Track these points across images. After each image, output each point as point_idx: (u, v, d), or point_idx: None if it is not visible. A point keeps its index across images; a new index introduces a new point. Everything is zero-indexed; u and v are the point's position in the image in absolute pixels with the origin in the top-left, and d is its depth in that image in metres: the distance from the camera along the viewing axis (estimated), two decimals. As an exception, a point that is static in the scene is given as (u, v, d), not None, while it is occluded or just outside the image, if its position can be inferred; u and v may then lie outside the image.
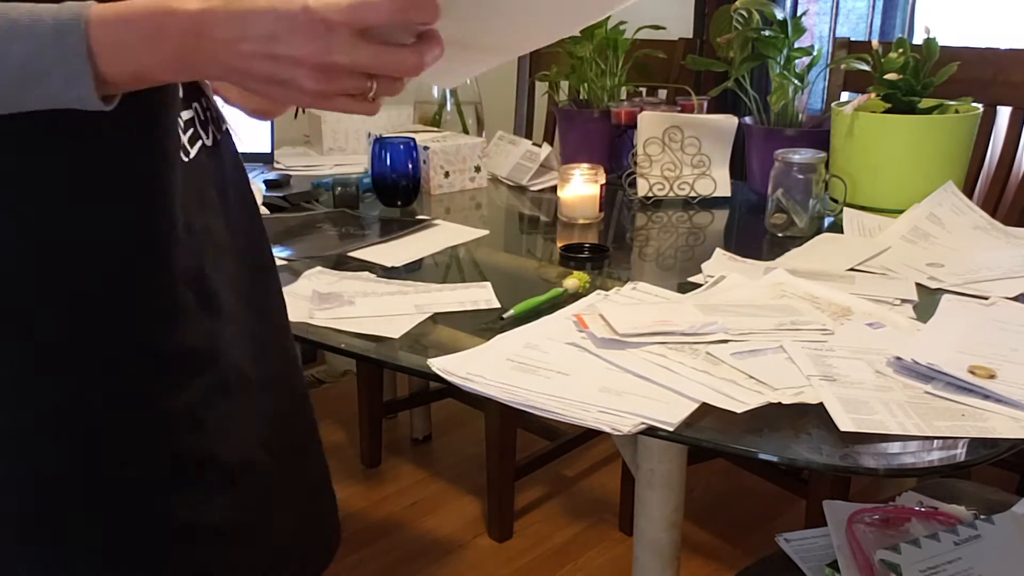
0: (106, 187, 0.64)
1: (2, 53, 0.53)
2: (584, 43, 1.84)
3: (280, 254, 1.31)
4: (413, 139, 1.63)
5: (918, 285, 1.15)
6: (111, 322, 0.68)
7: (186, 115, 0.70)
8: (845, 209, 1.46)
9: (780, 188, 1.43)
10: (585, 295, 1.12)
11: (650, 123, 1.67)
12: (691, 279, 1.20)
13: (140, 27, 0.55)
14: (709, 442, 0.80)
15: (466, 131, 2.00)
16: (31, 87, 0.55)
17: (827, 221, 1.50)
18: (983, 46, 1.64)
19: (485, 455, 1.89)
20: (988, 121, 1.65)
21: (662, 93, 2.11)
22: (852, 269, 1.23)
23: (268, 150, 1.99)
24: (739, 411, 0.82)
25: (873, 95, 1.47)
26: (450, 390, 1.05)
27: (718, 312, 1.02)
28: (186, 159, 0.69)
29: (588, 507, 2.03)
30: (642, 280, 1.17)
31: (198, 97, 0.73)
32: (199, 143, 0.72)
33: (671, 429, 0.80)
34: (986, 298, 1.10)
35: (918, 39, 1.46)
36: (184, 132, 0.69)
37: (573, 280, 1.14)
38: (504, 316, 1.05)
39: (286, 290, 0.91)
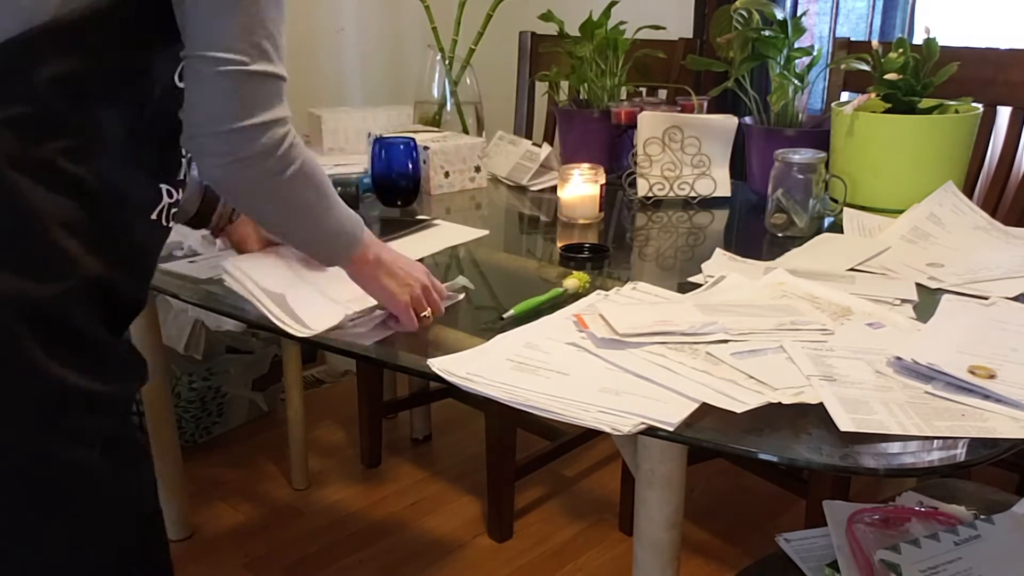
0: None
1: (334, 236, 0.99)
2: (584, 43, 1.84)
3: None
4: (413, 139, 1.63)
5: (918, 285, 1.15)
6: None
7: (180, 195, 0.96)
8: (845, 209, 1.46)
9: (780, 188, 1.43)
10: (585, 295, 1.12)
11: (650, 123, 1.67)
12: (691, 279, 1.20)
13: (366, 250, 1.02)
14: (709, 442, 0.80)
15: (466, 131, 2.00)
16: (324, 252, 1.02)
17: (827, 221, 1.50)
18: (983, 46, 1.64)
19: (485, 455, 1.89)
20: (988, 121, 1.65)
21: (662, 93, 2.11)
22: (852, 269, 1.23)
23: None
24: (739, 411, 0.82)
25: (873, 95, 1.47)
26: (450, 390, 1.05)
27: (718, 312, 1.02)
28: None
29: (588, 507, 2.03)
30: (642, 280, 1.17)
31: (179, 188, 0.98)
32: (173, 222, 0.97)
33: (671, 429, 0.80)
34: (986, 298, 1.10)
35: (918, 39, 1.46)
36: (173, 207, 0.94)
37: (573, 280, 1.14)
38: (504, 316, 1.05)
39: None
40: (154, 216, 0.89)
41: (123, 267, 0.85)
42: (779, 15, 1.56)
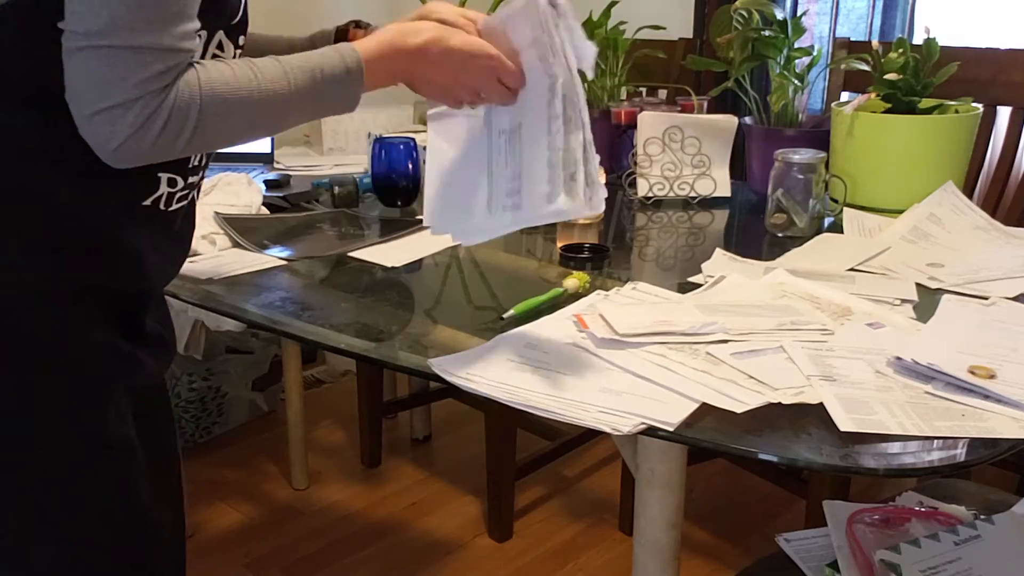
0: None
1: (317, 93, 0.85)
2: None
3: (280, 254, 1.31)
4: (413, 139, 1.63)
5: (918, 285, 1.15)
6: None
7: (195, 179, 0.93)
8: (845, 209, 1.46)
9: (780, 188, 1.43)
10: (585, 295, 1.12)
11: (650, 123, 1.67)
12: (691, 279, 1.20)
13: (386, 61, 0.89)
14: (709, 442, 0.80)
15: (466, 131, 1.99)
16: (326, 109, 0.89)
17: (827, 221, 1.50)
18: (983, 46, 1.64)
19: (485, 455, 1.89)
20: (988, 121, 1.65)
21: (662, 93, 2.11)
22: (852, 269, 1.23)
23: (268, 150, 1.99)
24: (739, 411, 0.82)
25: (873, 95, 1.47)
26: (450, 390, 1.05)
27: (718, 312, 1.02)
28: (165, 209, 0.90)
29: (588, 507, 2.03)
30: (642, 280, 1.17)
31: (206, 168, 0.95)
32: (186, 202, 0.93)
33: (671, 429, 0.80)
34: (986, 298, 1.10)
35: (918, 39, 1.46)
36: (181, 190, 0.90)
37: (573, 280, 1.14)
38: (504, 316, 1.05)
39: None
40: (147, 203, 0.87)
41: (111, 260, 0.84)
42: (779, 15, 1.56)
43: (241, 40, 0.89)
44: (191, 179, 0.91)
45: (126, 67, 0.73)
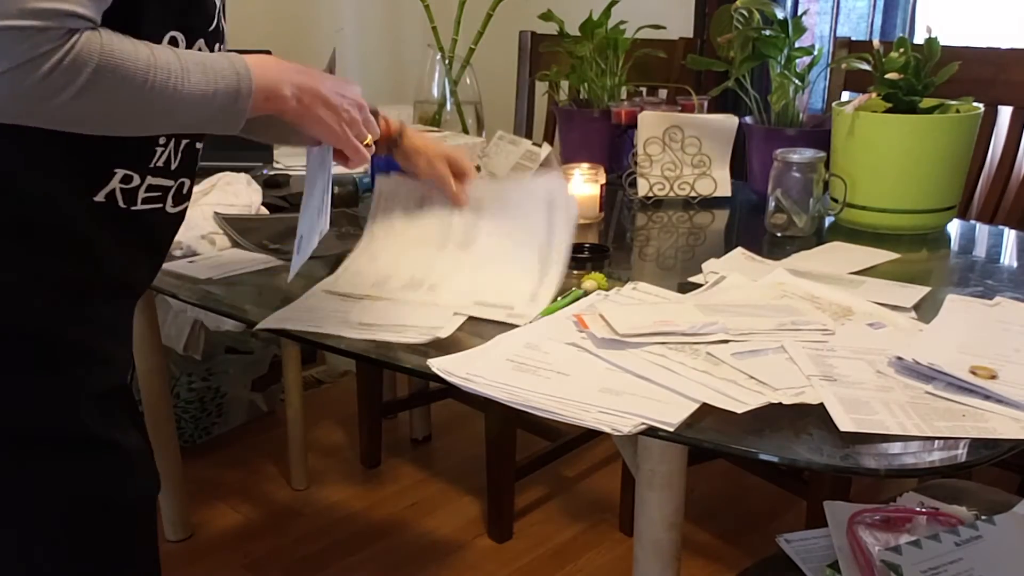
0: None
1: (208, 96, 0.81)
2: (584, 43, 1.83)
3: (280, 254, 1.31)
4: (413, 139, 1.62)
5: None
6: None
7: (166, 183, 0.90)
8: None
9: (779, 188, 1.43)
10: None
11: (650, 123, 1.67)
12: (691, 279, 1.20)
13: (272, 80, 0.88)
14: (710, 443, 0.80)
15: (466, 131, 2.00)
16: (208, 119, 0.84)
17: (828, 221, 1.50)
18: (984, 46, 1.64)
19: (485, 456, 1.89)
20: (989, 121, 1.65)
21: (662, 93, 2.11)
22: (860, 272, 1.23)
23: (268, 150, 1.98)
24: (739, 411, 0.82)
25: (874, 95, 1.47)
26: (450, 390, 1.05)
27: (718, 312, 1.02)
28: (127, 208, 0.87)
29: (588, 508, 2.03)
30: (642, 280, 1.17)
31: (187, 175, 0.93)
32: (158, 205, 0.90)
33: (671, 429, 0.80)
34: (990, 298, 1.10)
35: (919, 39, 1.46)
36: (146, 192, 0.88)
37: (591, 281, 1.14)
38: (532, 320, 1.04)
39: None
40: (99, 198, 0.83)
41: (58, 252, 0.82)
42: (780, 15, 1.56)
43: (218, 48, 0.89)
44: (154, 179, 0.88)
45: None
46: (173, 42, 0.82)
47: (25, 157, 0.78)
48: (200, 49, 0.85)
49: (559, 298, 1.10)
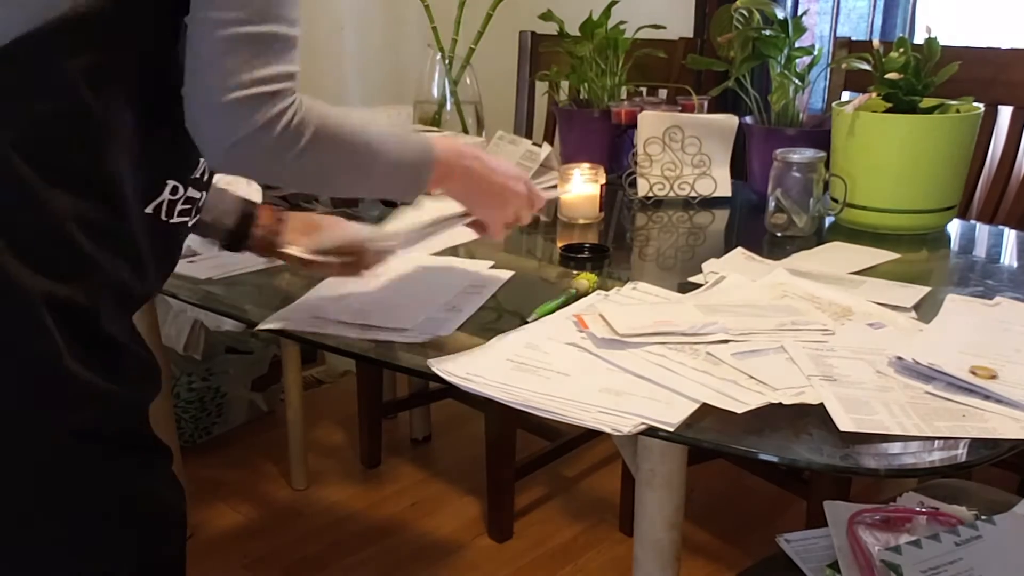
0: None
1: (396, 169, 0.92)
2: (584, 43, 1.83)
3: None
4: (413, 139, 1.62)
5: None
6: None
7: (198, 195, 0.92)
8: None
9: (779, 188, 1.43)
10: (587, 295, 1.12)
11: (650, 123, 1.67)
12: (691, 279, 1.20)
13: (446, 167, 0.97)
14: (709, 443, 0.80)
15: (466, 131, 2.00)
16: (396, 190, 0.97)
17: (828, 220, 1.50)
18: (984, 46, 1.64)
19: (485, 455, 1.89)
20: (989, 121, 1.65)
21: (662, 93, 2.11)
22: (860, 272, 1.23)
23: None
24: (739, 411, 0.82)
25: (874, 95, 1.47)
26: (450, 390, 1.05)
27: (718, 312, 1.02)
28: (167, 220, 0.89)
29: (588, 508, 2.03)
30: (642, 280, 1.17)
31: (208, 189, 0.95)
32: (187, 218, 0.92)
33: (671, 429, 0.80)
34: (990, 298, 1.10)
35: (919, 39, 1.46)
36: (182, 204, 0.90)
37: (583, 281, 1.14)
38: (528, 320, 1.04)
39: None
40: (149, 210, 0.85)
41: (122, 260, 0.83)
42: (780, 14, 1.56)
43: None
44: (192, 192, 0.90)
45: (273, 54, 0.76)
46: None
47: (102, 163, 0.79)
48: None
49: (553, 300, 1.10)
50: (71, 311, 0.78)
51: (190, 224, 0.94)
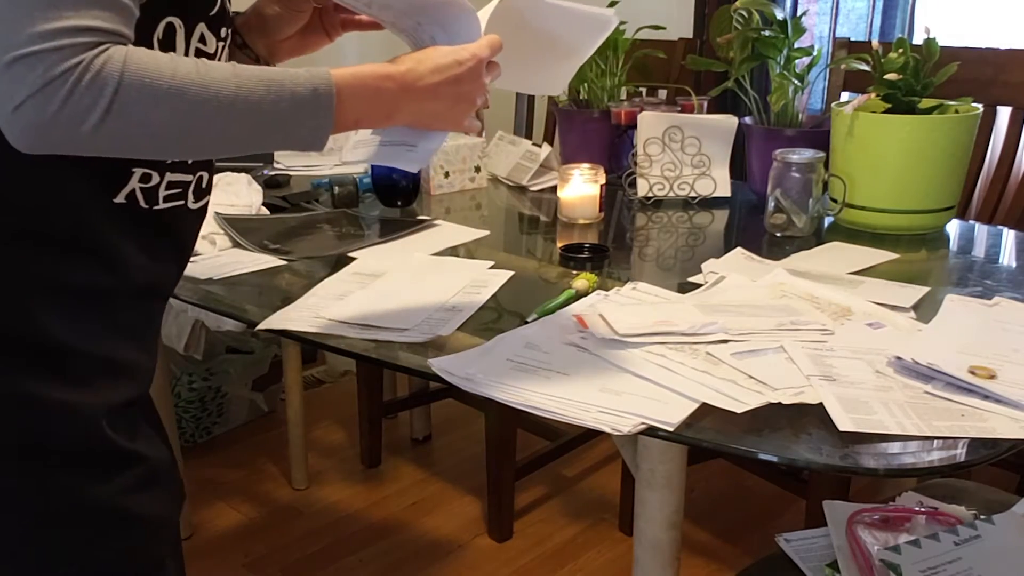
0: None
1: (270, 108, 0.73)
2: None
3: (280, 254, 1.31)
4: (413, 139, 1.62)
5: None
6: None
7: (185, 178, 0.85)
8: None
9: (779, 188, 1.43)
10: (586, 295, 1.12)
11: (650, 123, 1.67)
12: (691, 279, 1.20)
13: (367, 91, 0.80)
14: (709, 442, 0.80)
15: (466, 131, 2.00)
16: (280, 135, 0.76)
17: (827, 221, 1.50)
18: (983, 46, 1.64)
19: (485, 455, 1.89)
20: (988, 121, 1.65)
21: (662, 93, 2.11)
22: (859, 272, 1.23)
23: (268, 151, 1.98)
24: (739, 411, 0.82)
25: (873, 95, 1.47)
26: (450, 390, 1.05)
27: (718, 312, 1.02)
28: (150, 207, 0.82)
29: (588, 507, 2.03)
30: (642, 280, 1.17)
31: (206, 168, 0.88)
32: (180, 202, 0.85)
33: (671, 429, 0.80)
34: (989, 298, 1.10)
35: (918, 39, 1.46)
36: (166, 189, 0.83)
37: (582, 281, 1.14)
38: (528, 320, 1.04)
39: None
40: (120, 199, 0.79)
41: (79, 258, 0.78)
42: (779, 15, 1.56)
43: (223, 32, 0.84)
44: (173, 175, 0.84)
45: (58, 7, 0.64)
46: (170, 29, 0.77)
47: (39, 161, 0.73)
48: (202, 35, 0.80)
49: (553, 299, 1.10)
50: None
51: (193, 206, 0.88)
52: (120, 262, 0.82)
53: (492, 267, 1.26)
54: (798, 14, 2.19)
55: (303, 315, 1.07)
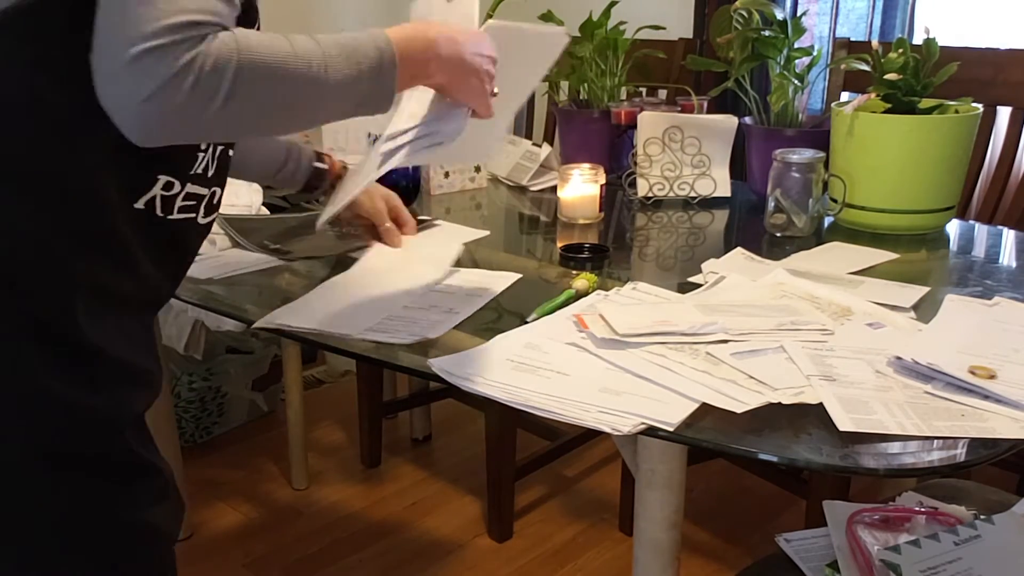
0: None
1: (353, 78, 0.77)
2: (584, 43, 1.83)
3: (280, 254, 1.31)
4: (413, 139, 1.62)
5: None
6: None
7: (202, 191, 0.88)
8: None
9: (779, 188, 1.43)
10: (586, 295, 1.12)
11: (650, 123, 1.67)
12: (691, 279, 1.20)
13: (419, 55, 0.84)
14: (709, 442, 0.80)
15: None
16: (354, 102, 0.80)
17: (827, 221, 1.50)
18: (983, 46, 1.64)
19: (485, 455, 1.89)
20: (988, 121, 1.65)
21: (662, 93, 2.11)
22: (859, 272, 1.23)
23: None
24: (739, 411, 0.82)
25: (873, 95, 1.47)
26: (450, 390, 1.05)
27: (718, 312, 1.02)
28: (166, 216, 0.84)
29: (588, 507, 2.03)
30: (642, 280, 1.17)
31: (219, 184, 0.91)
32: (192, 215, 0.87)
33: (671, 429, 0.80)
34: (989, 298, 1.10)
35: (918, 39, 1.46)
36: (183, 200, 0.85)
37: (582, 281, 1.14)
38: (528, 320, 1.04)
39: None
40: (139, 205, 0.81)
41: (100, 257, 0.79)
42: (779, 15, 1.56)
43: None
44: (192, 187, 0.86)
45: (164, 4, 0.67)
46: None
47: (76, 159, 0.75)
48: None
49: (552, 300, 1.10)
50: (38, 316, 0.75)
51: (202, 221, 0.89)
52: (133, 268, 0.83)
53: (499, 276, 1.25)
54: (798, 14, 2.19)
55: (299, 315, 1.07)
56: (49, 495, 0.80)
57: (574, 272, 1.23)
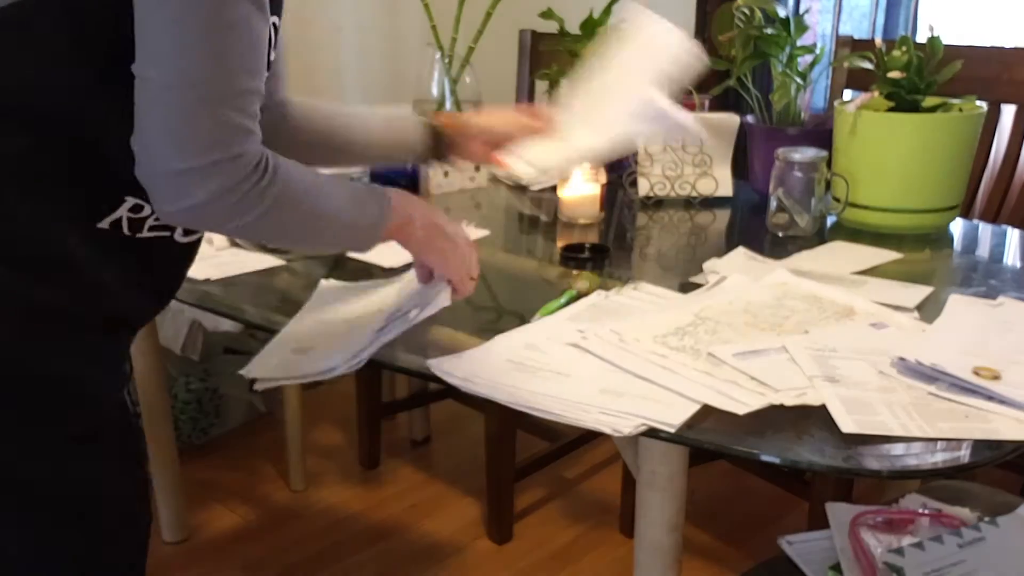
0: None
1: (352, 222, 0.87)
2: (585, 41, 1.83)
3: (279, 254, 1.30)
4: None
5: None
6: None
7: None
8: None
9: (781, 187, 1.42)
10: (587, 295, 1.12)
11: (651, 122, 1.66)
12: (692, 279, 1.19)
13: (401, 221, 0.91)
14: (711, 444, 0.79)
15: (466, 130, 1.99)
16: (351, 241, 0.92)
17: (829, 220, 1.49)
18: (987, 44, 1.63)
19: (485, 457, 1.88)
20: (992, 119, 1.64)
21: (663, 92, 2.10)
22: (862, 272, 1.23)
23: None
24: (741, 412, 0.81)
25: (876, 93, 1.46)
26: (449, 391, 1.05)
27: (719, 312, 1.01)
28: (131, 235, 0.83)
29: (588, 509, 2.02)
30: (643, 280, 1.16)
31: None
32: (166, 232, 0.86)
33: (672, 430, 0.79)
34: (993, 298, 1.09)
35: (922, 37, 1.45)
36: (154, 220, 0.83)
37: (584, 281, 1.14)
38: (531, 321, 1.03)
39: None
40: (104, 225, 0.79)
41: (47, 280, 0.77)
42: (781, 13, 1.56)
43: (276, 21, 0.84)
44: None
45: (228, 117, 0.71)
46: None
47: (19, 180, 0.74)
48: (275, 24, 0.82)
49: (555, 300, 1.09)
50: None
51: (179, 240, 0.87)
52: (93, 288, 0.80)
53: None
54: (800, 12, 2.19)
55: (280, 357, 1.00)
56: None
57: (575, 272, 1.22)
